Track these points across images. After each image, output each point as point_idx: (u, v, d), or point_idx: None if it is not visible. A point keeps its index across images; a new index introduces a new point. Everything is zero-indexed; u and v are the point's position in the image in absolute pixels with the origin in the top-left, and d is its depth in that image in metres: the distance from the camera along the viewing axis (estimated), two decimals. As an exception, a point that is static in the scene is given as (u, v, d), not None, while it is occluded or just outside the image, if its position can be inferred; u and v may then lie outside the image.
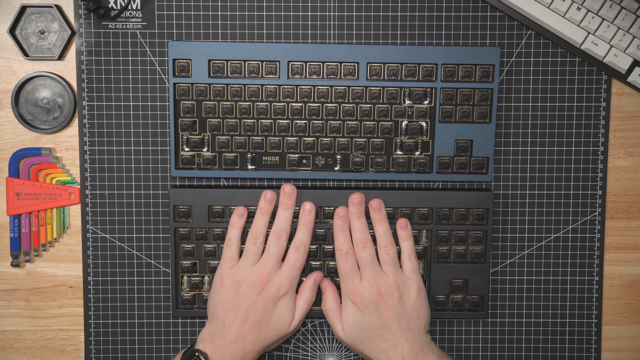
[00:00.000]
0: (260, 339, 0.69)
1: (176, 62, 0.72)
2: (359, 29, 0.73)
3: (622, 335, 0.79)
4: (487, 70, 0.72)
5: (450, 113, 0.73)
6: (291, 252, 0.71)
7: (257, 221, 0.71)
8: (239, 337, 0.68)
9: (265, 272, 0.69)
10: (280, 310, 0.70)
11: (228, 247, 0.71)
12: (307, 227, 0.72)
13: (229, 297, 0.69)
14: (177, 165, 0.74)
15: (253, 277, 0.69)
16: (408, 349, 0.68)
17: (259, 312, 0.69)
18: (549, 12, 0.72)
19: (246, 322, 0.68)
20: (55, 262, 0.76)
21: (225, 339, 0.68)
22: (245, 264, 0.70)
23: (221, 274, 0.70)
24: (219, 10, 0.73)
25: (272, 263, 0.70)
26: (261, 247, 0.71)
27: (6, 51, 0.74)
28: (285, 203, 0.71)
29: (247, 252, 0.70)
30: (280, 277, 0.70)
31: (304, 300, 0.72)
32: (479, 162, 0.74)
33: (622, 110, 0.75)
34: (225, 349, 0.68)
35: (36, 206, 0.74)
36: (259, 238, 0.71)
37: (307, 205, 0.72)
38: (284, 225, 0.71)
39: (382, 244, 0.71)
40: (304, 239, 0.71)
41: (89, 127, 0.74)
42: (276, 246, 0.70)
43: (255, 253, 0.70)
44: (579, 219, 0.76)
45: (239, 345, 0.68)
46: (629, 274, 0.78)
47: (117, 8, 0.73)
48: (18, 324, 0.77)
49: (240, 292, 0.69)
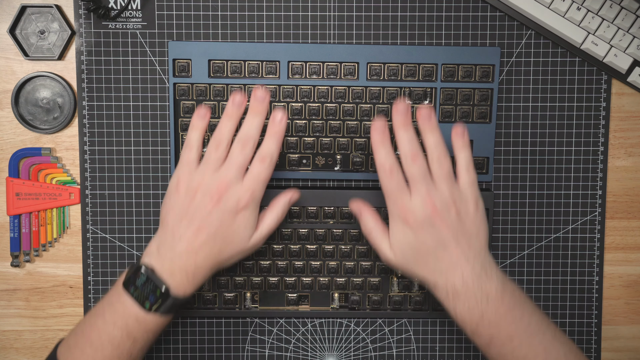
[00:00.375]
0: (214, 252, 0.63)
1: (176, 62, 0.72)
2: (359, 29, 0.73)
3: (622, 335, 0.79)
4: (487, 70, 0.72)
5: (450, 113, 0.73)
6: (255, 163, 0.63)
7: (222, 125, 0.64)
8: (189, 250, 0.62)
9: (225, 181, 0.62)
10: (239, 224, 0.63)
11: (187, 150, 0.64)
12: (275, 137, 0.64)
13: (183, 205, 0.62)
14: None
15: (211, 185, 0.62)
16: (469, 270, 0.61)
17: (214, 224, 0.62)
18: (549, 12, 0.72)
19: (199, 233, 0.62)
20: (55, 262, 0.76)
21: (175, 251, 0.62)
22: (205, 171, 0.63)
23: (177, 178, 0.64)
24: (219, 10, 0.73)
25: (233, 172, 0.62)
26: (224, 154, 0.63)
27: (6, 51, 0.74)
28: (256, 108, 0.64)
29: (208, 157, 0.63)
30: (241, 188, 0.63)
31: (273, 216, 0.66)
32: (479, 162, 0.74)
33: (622, 110, 0.75)
34: (174, 261, 0.62)
35: (36, 206, 0.74)
36: (222, 143, 0.63)
37: (279, 113, 0.64)
38: (252, 132, 0.63)
39: (434, 155, 0.63)
40: (271, 149, 0.64)
41: (89, 127, 0.74)
42: (240, 154, 0.63)
43: (217, 159, 0.63)
44: (579, 219, 0.76)
45: (189, 257, 0.62)
46: (629, 274, 0.78)
47: (117, 8, 0.73)
48: (18, 324, 0.77)
49: (195, 200, 0.62)
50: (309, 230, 0.74)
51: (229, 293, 0.75)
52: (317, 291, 0.75)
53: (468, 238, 0.62)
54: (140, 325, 0.62)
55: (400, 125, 0.63)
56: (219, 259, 0.64)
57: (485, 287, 0.61)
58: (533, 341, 0.61)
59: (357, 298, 0.75)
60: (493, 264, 0.63)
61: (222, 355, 0.77)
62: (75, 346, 0.63)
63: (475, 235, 0.63)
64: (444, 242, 0.62)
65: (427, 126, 0.63)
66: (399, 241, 0.63)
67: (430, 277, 0.63)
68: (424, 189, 0.62)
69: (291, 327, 0.77)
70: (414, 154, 0.62)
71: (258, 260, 0.74)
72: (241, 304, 0.76)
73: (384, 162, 0.63)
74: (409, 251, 0.63)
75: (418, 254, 0.62)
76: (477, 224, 0.63)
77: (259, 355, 0.77)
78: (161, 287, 0.61)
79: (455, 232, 0.62)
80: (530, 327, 0.62)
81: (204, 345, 0.77)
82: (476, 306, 0.61)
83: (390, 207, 0.63)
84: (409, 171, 0.63)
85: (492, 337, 0.61)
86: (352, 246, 0.74)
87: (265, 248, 0.74)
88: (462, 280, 0.61)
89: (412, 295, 0.75)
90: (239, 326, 0.77)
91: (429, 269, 0.62)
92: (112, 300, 0.63)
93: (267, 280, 0.75)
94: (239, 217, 0.63)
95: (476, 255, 0.62)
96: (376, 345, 0.78)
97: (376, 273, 0.75)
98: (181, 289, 0.62)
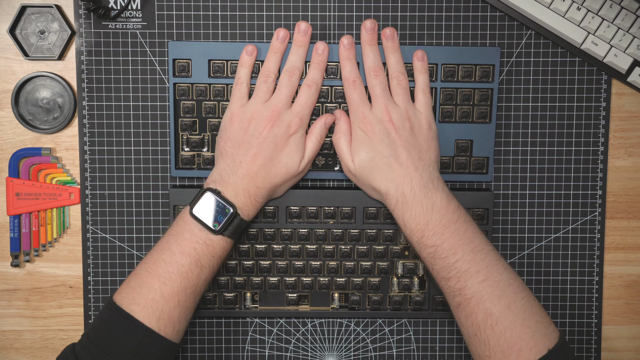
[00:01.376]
0: (271, 176, 0.68)
1: (176, 62, 0.72)
2: (359, 29, 0.73)
3: (622, 335, 0.79)
4: (487, 70, 0.72)
5: (450, 113, 0.73)
6: (302, 91, 0.69)
7: (269, 59, 0.69)
8: (250, 172, 0.67)
9: (277, 109, 0.67)
10: (291, 148, 0.68)
11: (238, 86, 0.69)
12: (319, 65, 0.70)
13: (239, 134, 0.67)
14: (177, 165, 0.74)
15: (263, 113, 0.67)
16: (417, 178, 0.66)
17: (269, 148, 0.67)
18: (549, 12, 0.72)
19: (257, 157, 0.67)
20: (55, 262, 0.76)
21: (237, 174, 0.67)
22: (256, 102, 0.68)
23: (231, 112, 0.69)
24: (219, 10, 0.73)
25: (283, 100, 0.68)
26: (272, 85, 0.69)
27: (6, 51, 0.74)
28: (299, 40, 0.69)
29: (258, 89, 0.69)
30: (290, 114, 0.68)
31: (313, 140, 0.70)
32: (479, 162, 0.74)
33: (622, 110, 0.75)
34: (237, 184, 0.67)
35: (36, 206, 0.74)
36: (270, 76, 0.69)
37: (321, 45, 0.69)
38: (297, 62, 0.69)
39: (394, 74, 0.69)
40: (316, 77, 0.69)
41: (89, 127, 0.74)
42: (288, 84, 0.68)
43: (266, 91, 0.69)
44: (579, 219, 0.76)
45: (250, 180, 0.67)
46: (629, 274, 0.78)
47: (117, 8, 0.73)
48: (18, 324, 0.77)
49: (250, 129, 0.67)
50: (309, 230, 0.74)
51: (229, 293, 0.75)
52: (317, 291, 0.75)
53: (419, 151, 0.67)
54: (208, 249, 0.65)
55: (367, 42, 0.69)
56: (275, 182, 0.68)
57: (432, 196, 0.65)
58: (476, 257, 0.63)
59: (357, 298, 0.75)
60: (441, 180, 0.67)
61: (222, 355, 0.77)
62: (140, 285, 0.64)
63: (426, 149, 0.67)
64: (397, 152, 0.66)
65: (390, 45, 0.69)
66: (358, 149, 0.68)
67: (383, 186, 0.67)
68: (383, 102, 0.68)
69: (291, 327, 0.77)
70: (376, 69, 0.69)
71: (258, 260, 0.74)
72: (241, 304, 0.76)
73: (349, 75, 0.69)
74: (366, 159, 0.67)
75: (373, 162, 0.67)
76: (428, 140, 0.68)
77: (259, 355, 0.77)
78: (229, 207, 0.66)
79: (408, 145, 0.67)
80: (474, 243, 0.64)
81: (204, 345, 0.77)
82: (422, 213, 0.65)
83: (352, 118, 0.69)
84: (370, 84, 0.69)
85: (437, 248, 0.64)
86: (352, 246, 0.74)
87: (266, 248, 0.74)
88: (410, 188, 0.65)
89: (412, 295, 0.75)
90: (239, 326, 0.77)
91: (383, 177, 0.67)
92: (177, 231, 0.66)
93: (267, 280, 0.75)
94: (290, 141, 0.68)
95: (425, 167, 0.67)
96: (376, 345, 0.78)
97: (376, 273, 0.75)
98: (245, 210, 0.67)
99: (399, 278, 0.75)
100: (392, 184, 0.66)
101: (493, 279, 0.62)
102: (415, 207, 0.65)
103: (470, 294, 0.62)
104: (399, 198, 0.66)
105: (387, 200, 0.67)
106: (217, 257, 0.66)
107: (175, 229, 0.66)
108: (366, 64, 0.69)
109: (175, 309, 0.63)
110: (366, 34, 0.69)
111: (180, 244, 0.65)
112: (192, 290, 0.65)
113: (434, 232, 0.64)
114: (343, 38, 0.69)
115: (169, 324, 0.63)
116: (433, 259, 0.65)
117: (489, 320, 0.61)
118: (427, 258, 0.65)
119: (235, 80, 0.70)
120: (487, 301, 0.61)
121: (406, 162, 0.66)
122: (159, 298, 0.63)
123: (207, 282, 0.67)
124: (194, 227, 0.66)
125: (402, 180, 0.66)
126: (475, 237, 0.64)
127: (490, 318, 0.61)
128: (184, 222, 0.66)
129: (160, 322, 0.63)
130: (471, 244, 0.64)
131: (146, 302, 0.63)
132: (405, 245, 0.75)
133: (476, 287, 0.62)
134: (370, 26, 0.69)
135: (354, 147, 0.68)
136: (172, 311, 0.63)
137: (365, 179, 0.69)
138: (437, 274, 0.65)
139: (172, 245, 0.65)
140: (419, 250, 0.66)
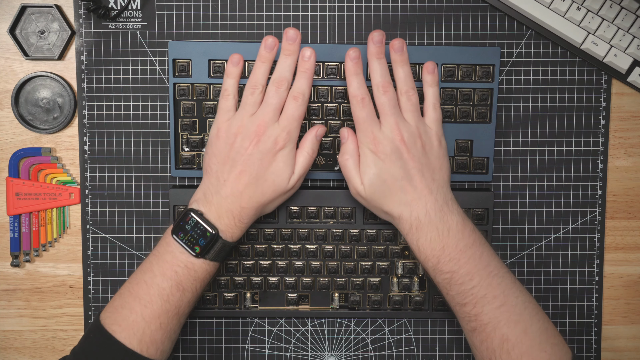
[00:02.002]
0: (258, 194, 0.64)
1: (176, 62, 0.72)
2: (359, 29, 0.73)
3: (622, 335, 0.79)
4: (487, 70, 0.72)
5: (450, 113, 0.73)
6: (289, 102, 0.65)
7: (256, 69, 0.66)
8: (234, 192, 0.64)
9: (263, 123, 0.64)
10: (278, 164, 0.64)
11: (224, 99, 0.66)
12: (306, 74, 0.65)
13: (224, 150, 0.64)
14: (177, 165, 0.74)
15: (250, 128, 0.64)
16: (432, 201, 0.63)
17: (255, 165, 0.64)
18: (549, 12, 0.72)
19: (242, 175, 0.64)
20: (55, 262, 0.76)
21: (220, 194, 0.64)
22: (242, 115, 0.65)
23: (217, 126, 0.66)
24: (219, 10, 0.73)
25: (270, 113, 0.64)
26: (260, 97, 0.65)
27: (6, 51, 0.74)
28: (288, 49, 0.65)
29: (245, 102, 0.65)
30: (278, 128, 0.64)
31: (304, 154, 0.67)
32: (479, 162, 0.74)
33: (622, 110, 0.75)
34: (220, 204, 0.64)
35: (36, 206, 0.74)
36: (258, 87, 0.65)
37: (307, 51, 0.65)
38: (285, 73, 0.65)
39: (403, 89, 0.65)
40: (303, 87, 0.65)
41: (89, 127, 0.74)
42: (275, 96, 0.64)
43: (253, 103, 0.65)
44: (579, 219, 0.76)
45: (235, 200, 0.64)
46: (629, 274, 0.78)
47: (117, 8, 0.73)
48: (18, 324, 0.77)
49: (235, 145, 0.64)
50: (309, 230, 0.74)
51: (229, 293, 0.75)
52: (317, 291, 0.75)
53: (432, 171, 0.64)
54: (189, 273, 0.64)
55: (374, 55, 0.65)
56: (262, 200, 0.65)
57: (447, 220, 0.63)
58: (492, 282, 0.62)
59: (357, 298, 0.75)
60: (455, 201, 0.65)
61: (222, 355, 0.77)
62: (123, 306, 0.63)
63: (439, 169, 0.65)
64: (410, 174, 0.63)
65: (399, 58, 0.66)
66: (368, 171, 0.64)
67: (396, 210, 0.64)
68: (393, 120, 0.64)
69: (291, 327, 0.77)
70: (385, 84, 0.64)
71: (258, 260, 0.74)
72: (241, 304, 0.76)
73: (357, 92, 0.65)
74: (378, 182, 0.64)
75: (385, 185, 0.64)
76: (440, 158, 0.65)
77: (259, 355, 0.77)
78: (210, 230, 0.63)
79: (420, 165, 0.64)
80: (490, 267, 0.62)
81: (204, 345, 0.77)
82: (438, 238, 0.62)
83: (360, 138, 0.65)
84: (379, 101, 0.65)
85: (453, 274, 0.62)
86: (352, 246, 0.74)
87: (265, 248, 0.74)
88: (425, 211, 0.63)
89: (412, 295, 0.75)
90: (239, 326, 0.77)
91: (395, 201, 0.64)
92: (159, 252, 0.64)
93: (267, 280, 0.75)
94: (277, 156, 0.64)
95: (439, 188, 0.64)
96: (376, 345, 0.78)
97: (376, 273, 0.75)
98: (228, 232, 0.64)
99: (399, 278, 0.75)
100: (405, 207, 0.63)
101: (510, 304, 0.61)
102: (431, 231, 0.62)
103: (487, 319, 0.61)
104: (413, 223, 0.63)
105: (400, 224, 0.64)
106: (200, 280, 0.65)
107: (158, 249, 0.65)
108: (374, 80, 0.65)
109: (158, 331, 0.62)
110: (374, 47, 0.65)
111: (162, 266, 0.63)
112: (174, 313, 0.63)
113: (450, 257, 0.62)
114: (350, 50, 0.65)
115: (151, 346, 0.62)
116: (449, 285, 0.63)
117: (505, 345, 0.60)
118: (442, 283, 0.63)
119: (222, 93, 0.67)
120: (504, 327, 0.60)
121: (420, 184, 0.63)
122: (140, 320, 0.62)
123: (192, 304, 0.66)
124: (175, 249, 0.64)
125: (416, 204, 0.63)
126: (491, 261, 0.63)
127: (506, 343, 0.60)
128: (167, 243, 0.65)
129: (142, 344, 0.62)
130: (487, 268, 0.62)
131: (127, 324, 0.62)
132: (405, 245, 0.75)
133: (493, 312, 0.61)
134: (378, 38, 0.65)
135: (363, 168, 0.65)
136: (154, 333, 0.62)
137: (375, 203, 0.65)
138: (452, 299, 0.63)
139: (154, 266, 0.64)
140: (434, 275, 0.64)
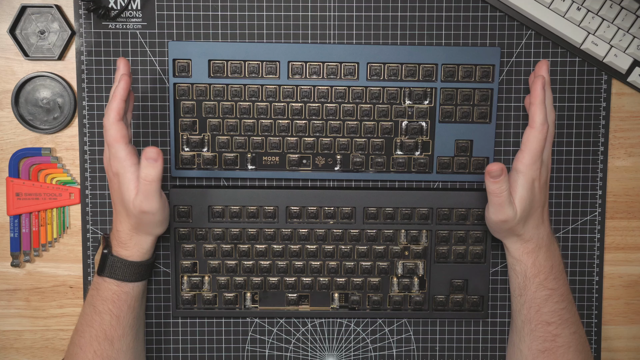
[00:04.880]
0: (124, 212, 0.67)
1: (176, 62, 0.72)
2: (359, 29, 0.73)
3: (622, 335, 0.79)
4: (487, 70, 0.72)
5: (450, 113, 0.73)
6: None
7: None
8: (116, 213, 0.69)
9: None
10: (121, 182, 0.66)
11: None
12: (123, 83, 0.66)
13: None
14: (177, 165, 0.74)
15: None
16: (548, 226, 0.70)
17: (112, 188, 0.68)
18: (549, 12, 0.72)
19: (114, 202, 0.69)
20: (55, 262, 0.76)
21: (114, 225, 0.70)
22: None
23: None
24: (219, 10, 0.73)
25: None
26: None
27: (6, 51, 0.74)
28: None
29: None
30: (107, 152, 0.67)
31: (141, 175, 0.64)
32: (479, 162, 0.74)
33: (622, 110, 0.75)
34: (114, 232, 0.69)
35: (36, 206, 0.74)
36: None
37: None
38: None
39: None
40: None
41: (89, 127, 0.74)
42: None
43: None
44: (579, 219, 0.76)
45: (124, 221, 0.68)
46: (629, 274, 0.78)
47: (117, 8, 0.73)
48: (18, 324, 0.77)
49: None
50: (309, 230, 0.74)
51: (229, 293, 0.75)
52: (317, 291, 0.75)
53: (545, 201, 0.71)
54: (97, 293, 0.68)
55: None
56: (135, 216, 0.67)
57: (554, 242, 0.70)
58: (573, 307, 0.69)
59: (357, 298, 0.75)
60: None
61: (222, 355, 0.77)
62: (71, 342, 0.70)
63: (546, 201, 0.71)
64: (544, 200, 0.69)
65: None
66: (523, 197, 0.67)
67: (529, 232, 0.69)
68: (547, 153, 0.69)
69: (291, 327, 0.77)
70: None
71: (258, 261, 0.74)
72: (241, 304, 0.76)
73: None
74: (528, 206, 0.68)
75: (532, 208, 0.68)
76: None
77: (259, 355, 0.77)
78: (104, 250, 0.69)
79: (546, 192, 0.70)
80: (570, 292, 0.70)
81: (204, 345, 0.77)
82: (550, 257, 0.69)
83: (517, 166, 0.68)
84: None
85: (553, 292, 0.68)
86: (352, 246, 0.74)
87: (266, 248, 0.74)
88: (547, 233, 0.69)
89: (412, 295, 0.75)
90: (239, 326, 0.77)
91: (532, 223, 0.69)
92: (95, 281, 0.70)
93: (267, 280, 0.75)
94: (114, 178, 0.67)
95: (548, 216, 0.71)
96: (376, 345, 0.78)
97: (376, 273, 0.75)
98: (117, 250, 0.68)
99: (399, 278, 0.75)
100: (537, 230, 0.69)
101: (580, 332, 0.69)
102: (548, 251, 0.69)
103: (562, 342, 0.67)
104: (538, 242, 0.69)
105: (527, 243, 0.69)
106: (109, 300, 0.68)
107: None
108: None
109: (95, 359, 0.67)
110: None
111: (91, 293, 0.70)
112: (103, 338, 0.67)
113: (555, 276, 0.68)
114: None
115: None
116: (545, 302, 0.68)
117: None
118: (540, 299, 0.68)
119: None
120: (572, 352, 0.67)
121: (545, 210, 0.70)
122: (78, 351, 0.68)
123: (119, 329, 0.68)
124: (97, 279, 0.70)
125: (542, 227, 0.69)
126: (569, 286, 0.70)
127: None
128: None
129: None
130: (570, 292, 0.70)
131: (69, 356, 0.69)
132: (405, 245, 0.75)
133: (568, 337, 0.68)
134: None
135: (520, 196, 0.67)
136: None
137: (516, 227, 0.68)
138: (540, 316, 0.68)
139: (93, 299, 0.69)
140: (536, 289, 0.68)
